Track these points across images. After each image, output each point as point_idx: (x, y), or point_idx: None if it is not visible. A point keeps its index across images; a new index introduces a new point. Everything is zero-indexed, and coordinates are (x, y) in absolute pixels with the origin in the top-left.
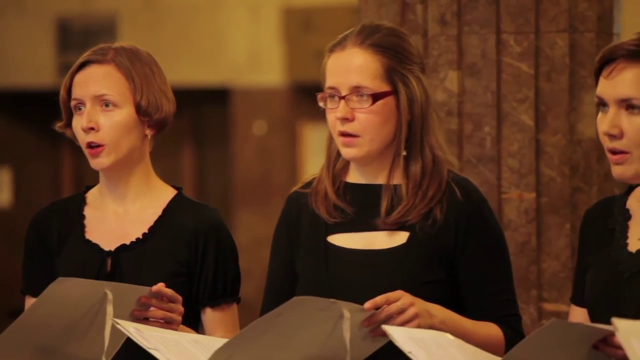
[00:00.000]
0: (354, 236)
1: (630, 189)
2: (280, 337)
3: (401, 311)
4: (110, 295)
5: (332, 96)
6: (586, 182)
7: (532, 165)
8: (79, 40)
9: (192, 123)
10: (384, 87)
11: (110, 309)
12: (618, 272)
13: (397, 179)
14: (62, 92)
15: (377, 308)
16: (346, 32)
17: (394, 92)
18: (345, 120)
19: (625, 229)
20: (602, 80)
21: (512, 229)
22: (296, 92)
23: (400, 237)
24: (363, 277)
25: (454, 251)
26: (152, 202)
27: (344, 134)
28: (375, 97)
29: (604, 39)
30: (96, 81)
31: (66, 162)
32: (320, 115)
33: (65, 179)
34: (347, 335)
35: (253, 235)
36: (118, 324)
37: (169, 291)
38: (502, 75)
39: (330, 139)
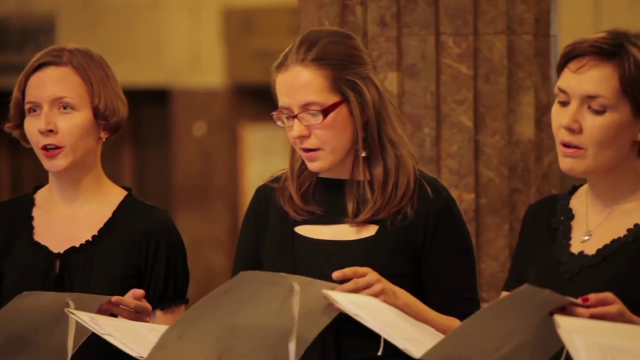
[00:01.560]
0: (322, 228)
1: (574, 189)
2: (231, 313)
3: (368, 285)
4: (72, 305)
5: (286, 116)
6: (524, 183)
7: (471, 166)
8: (16, 40)
9: (131, 124)
10: (333, 99)
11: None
12: (559, 273)
13: (362, 176)
14: (17, 94)
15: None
16: (287, 50)
17: (345, 100)
18: (303, 138)
19: (568, 230)
20: (568, 73)
21: None
22: (236, 93)
23: (369, 230)
24: (329, 268)
25: (421, 247)
26: (102, 204)
27: (305, 150)
28: (326, 111)
29: (541, 41)
30: (54, 83)
31: (3, 163)
32: (260, 116)
33: (3, 179)
34: (295, 308)
35: (193, 236)
36: (72, 313)
37: (132, 302)
38: (441, 77)
39: (292, 151)
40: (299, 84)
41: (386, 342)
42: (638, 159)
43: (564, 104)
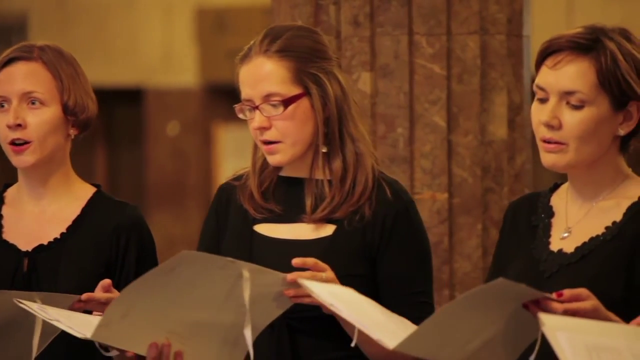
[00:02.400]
0: (280, 227)
1: (556, 186)
2: (177, 293)
3: (325, 282)
4: (40, 303)
5: (249, 108)
6: (497, 183)
7: (444, 166)
8: None
9: (105, 123)
10: (295, 91)
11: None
12: (539, 271)
13: (322, 174)
14: None
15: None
16: (251, 43)
17: (307, 92)
18: (263, 129)
19: (548, 227)
20: (545, 70)
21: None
22: (210, 92)
23: (327, 230)
24: (286, 267)
25: (377, 248)
26: (71, 202)
27: (265, 142)
28: (287, 102)
29: (514, 41)
30: (24, 78)
31: None
32: (234, 116)
33: None
34: (246, 295)
35: (167, 235)
36: (22, 303)
37: (102, 296)
38: (414, 77)
39: (255, 146)
40: (262, 74)
41: (345, 343)
42: (619, 155)
43: (543, 100)
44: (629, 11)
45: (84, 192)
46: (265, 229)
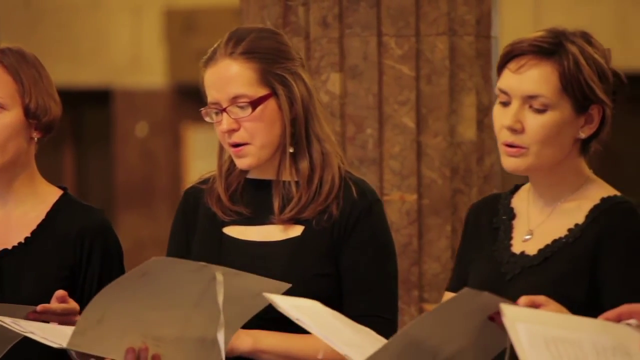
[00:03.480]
0: (249, 229)
1: (516, 188)
2: (150, 297)
3: None
4: None
5: (215, 111)
6: (466, 184)
7: (413, 167)
8: None
9: (73, 125)
10: (262, 92)
11: None
12: (501, 274)
13: (289, 175)
14: None
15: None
16: (215, 45)
17: (273, 93)
18: (232, 131)
19: (509, 229)
20: (508, 73)
21: (394, 230)
22: (178, 93)
23: (295, 230)
24: (256, 268)
25: (340, 246)
26: (36, 205)
27: (233, 145)
28: (254, 103)
29: (482, 42)
30: None
31: None
32: (203, 117)
33: None
34: (220, 297)
35: (136, 237)
36: None
37: (58, 307)
38: (383, 78)
39: (221, 148)
40: (228, 77)
41: None
42: (579, 157)
43: (505, 104)
44: (595, 13)
45: (50, 195)
46: (235, 232)
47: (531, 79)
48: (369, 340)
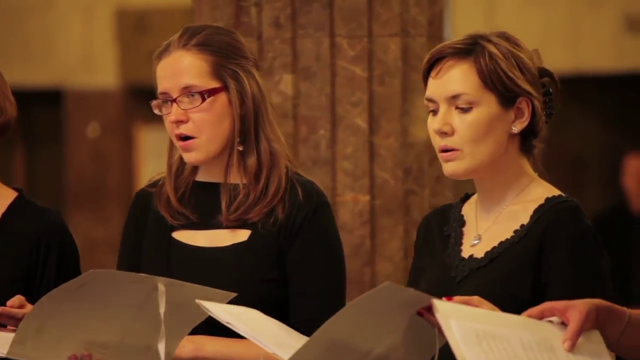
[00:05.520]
0: (198, 233)
1: (467, 196)
2: (90, 307)
3: None
4: None
5: (165, 101)
6: (419, 185)
7: (366, 167)
8: None
9: (23, 125)
10: (213, 84)
11: None
12: (450, 277)
13: (237, 177)
14: None
15: None
16: (169, 40)
17: (225, 87)
18: (179, 122)
19: (460, 236)
20: (431, 81)
21: (347, 231)
22: (130, 94)
23: (242, 235)
24: (204, 274)
25: (286, 249)
26: None
27: (181, 137)
28: (204, 94)
29: (435, 43)
30: None
31: None
32: (155, 117)
33: None
34: (162, 308)
35: (87, 238)
36: None
37: (19, 312)
38: (336, 79)
39: (171, 148)
40: (180, 67)
41: None
42: (521, 156)
43: (435, 112)
44: (549, 14)
45: (5, 197)
46: (183, 236)
47: (451, 79)
48: (303, 342)
